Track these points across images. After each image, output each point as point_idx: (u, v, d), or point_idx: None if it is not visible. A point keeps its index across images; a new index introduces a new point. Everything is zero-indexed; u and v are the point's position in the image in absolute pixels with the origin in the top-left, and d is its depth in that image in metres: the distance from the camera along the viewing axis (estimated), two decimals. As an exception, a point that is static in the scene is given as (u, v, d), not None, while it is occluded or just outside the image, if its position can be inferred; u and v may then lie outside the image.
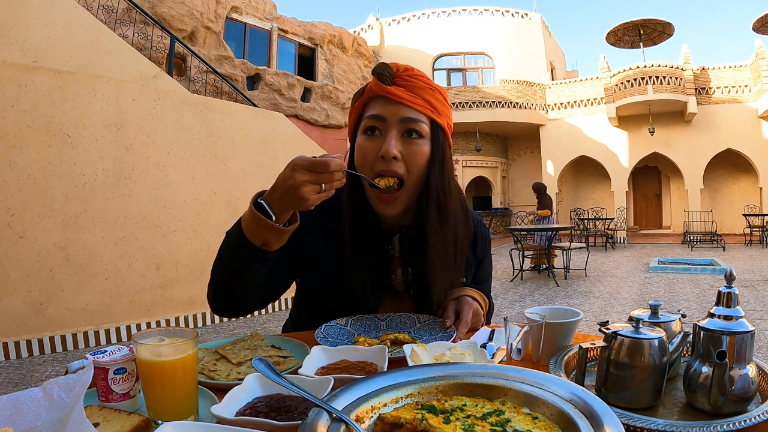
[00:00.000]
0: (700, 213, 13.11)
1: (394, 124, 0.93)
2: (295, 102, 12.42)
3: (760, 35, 13.35)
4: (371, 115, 0.94)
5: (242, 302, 0.96)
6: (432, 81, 0.97)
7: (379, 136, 0.94)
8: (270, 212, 0.83)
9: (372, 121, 0.94)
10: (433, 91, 0.96)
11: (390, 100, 0.93)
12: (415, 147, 0.94)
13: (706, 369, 0.61)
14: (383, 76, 0.92)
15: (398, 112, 0.93)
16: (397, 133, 0.93)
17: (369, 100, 0.96)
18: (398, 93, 0.92)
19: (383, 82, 0.92)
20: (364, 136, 0.95)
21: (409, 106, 0.93)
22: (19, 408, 0.53)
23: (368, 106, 0.97)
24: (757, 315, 4.80)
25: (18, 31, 4.52)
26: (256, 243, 0.85)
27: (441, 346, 0.79)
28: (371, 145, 0.94)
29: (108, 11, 7.87)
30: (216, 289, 0.94)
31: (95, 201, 4.17)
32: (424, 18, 16.05)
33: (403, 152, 0.93)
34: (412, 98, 0.92)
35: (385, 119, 0.93)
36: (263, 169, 5.59)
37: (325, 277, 1.04)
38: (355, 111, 0.99)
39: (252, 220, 0.84)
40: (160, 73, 5.73)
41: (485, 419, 0.50)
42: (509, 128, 15.97)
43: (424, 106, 0.94)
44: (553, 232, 7.45)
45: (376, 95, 0.94)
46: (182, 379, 0.60)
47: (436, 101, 0.96)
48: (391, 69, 0.93)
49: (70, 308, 4.03)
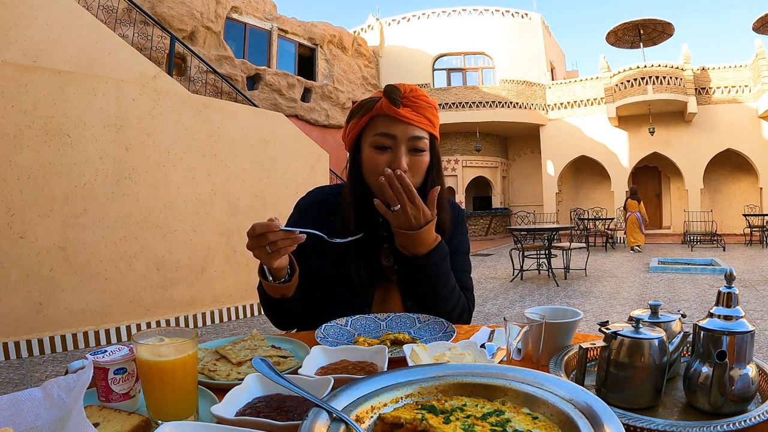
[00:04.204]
0: (700, 213, 13.12)
1: (403, 142, 1.07)
2: (295, 102, 12.42)
3: (760, 35, 13.36)
4: (383, 133, 1.06)
5: (291, 320, 1.18)
6: (429, 98, 1.11)
7: (388, 152, 1.07)
8: (268, 273, 1.02)
9: (383, 138, 1.07)
10: (431, 108, 1.10)
11: (399, 120, 1.06)
12: (419, 160, 1.09)
13: (706, 369, 0.61)
14: (395, 99, 1.04)
15: (407, 131, 1.07)
16: (405, 149, 1.07)
17: (376, 116, 1.08)
18: (406, 114, 1.05)
19: (394, 105, 1.05)
20: (375, 150, 1.08)
21: (416, 125, 1.07)
22: (19, 408, 0.53)
23: (375, 122, 1.08)
24: (757, 315, 4.80)
25: (18, 31, 4.52)
26: (276, 296, 1.06)
27: (441, 346, 0.79)
28: (382, 159, 1.07)
29: (108, 11, 7.87)
30: (268, 315, 1.17)
31: (95, 201, 4.17)
32: (424, 18, 16.05)
33: (410, 165, 1.08)
34: (417, 118, 1.06)
35: (395, 137, 1.06)
36: (263, 169, 5.59)
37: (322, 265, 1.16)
38: (360, 124, 1.10)
39: (262, 282, 1.07)
40: (160, 73, 5.73)
41: (485, 419, 0.50)
42: (509, 128, 15.97)
43: (426, 123, 1.08)
44: (553, 232, 7.46)
45: (385, 114, 1.06)
46: (182, 379, 0.60)
47: (433, 117, 1.10)
48: (400, 91, 1.05)
49: (70, 308, 4.03)
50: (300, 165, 6.04)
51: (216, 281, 5.09)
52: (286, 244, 0.92)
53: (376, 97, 1.08)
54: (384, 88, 1.07)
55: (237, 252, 5.27)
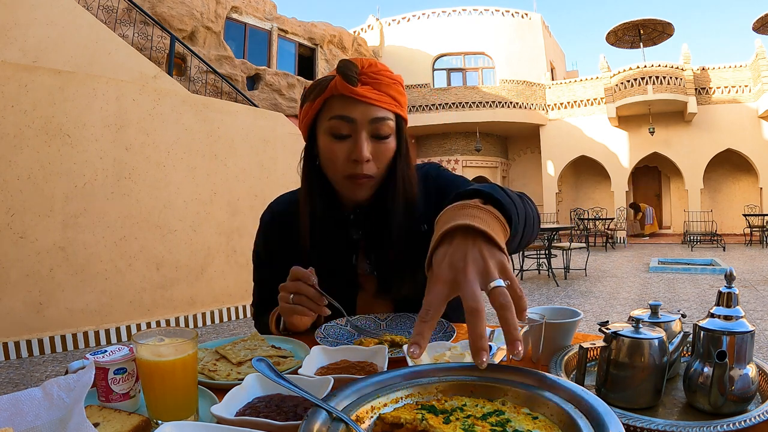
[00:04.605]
0: (700, 213, 13.11)
1: (363, 125, 0.90)
2: (295, 102, 12.42)
3: (760, 35, 13.36)
4: (339, 116, 0.90)
5: None
6: (393, 73, 0.94)
7: (347, 138, 0.91)
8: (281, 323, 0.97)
9: (339, 122, 0.90)
10: (396, 84, 0.93)
11: (356, 101, 0.89)
12: (383, 146, 0.93)
13: (706, 369, 0.61)
14: (350, 76, 0.88)
15: (367, 113, 0.90)
16: (366, 134, 0.91)
17: (331, 97, 0.91)
18: (365, 93, 0.89)
19: (350, 83, 0.88)
20: (331, 138, 0.92)
21: (377, 105, 0.90)
22: (19, 408, 0.53)
23: (330, 103, 0.92)
24: (757, 315, 4.80)
25: (18, 31, 4.52)
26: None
27: (441, 346, 0.79)
28: (340, 147, 0.92)
29: (108, 11, 7.87)
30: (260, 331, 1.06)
31: (95, 201, 4.17)
32: (424, 18, 16.05)
33: (373, 152, 0.92)
34: (378, 97, 0.90)
35: (354, 120, 0.90)
36: (263, 169, 5.59)
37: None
38: (314, 107, 0.93)
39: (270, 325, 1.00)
40: (160, 73, 5.73)
41: (485, 419, 0.50)
42: (509, 128, 15.97)
43: (390, 102, 0.92)
44: (553, 232, 7.46)
45: (340, 94, 0.89)
46: (182, 379, 0.60)
47: (399, 95, 0.94)
48: (356, 67, 0.89)
49: (70, 308, 4.03)
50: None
51: (216, 281, 5.09)
52: (309, 305, 0.85)
53: (330, 76, 0.91)
54: (338, 63, 0.89)
55: (237, 252, 5.27)
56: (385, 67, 0.93)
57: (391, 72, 0.94)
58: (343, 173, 0.94)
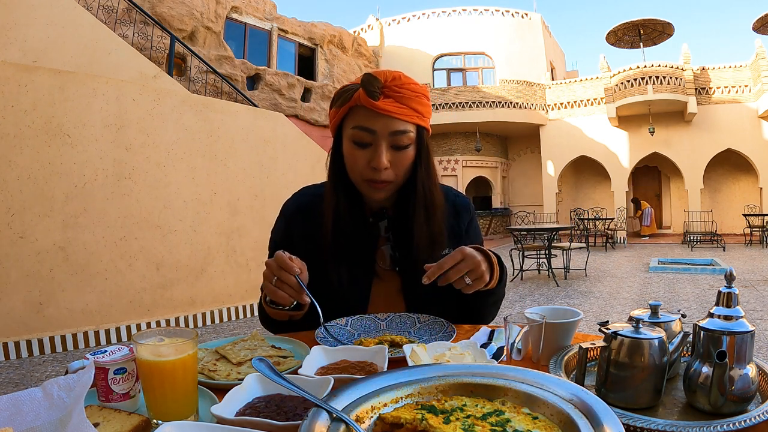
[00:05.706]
0: (700, 213, 13.11)
1: (383, 137, 0.96)
2: (295, 102, 12.42)
3: (760, 35, 13.35)
4: (360, 126, 0.96)
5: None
6: (418, 86, 0.99)
7: (368, 147, 0.97)
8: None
9: (361, 132, 0.96)
10: (419, 96, 0.97)
11: (378, 114, 0.94)
12: (403, 155, 0.99)
13: (706, 369, 0.61)
14: (372, 92, 0.92)
15: (387, 126, 0.95)
16: (386, 144, 0.96)
17: (355, 106, 0.97)
18: (386, 107, 0.93)
19: (372, 98, 0.93)
20: (353, 145, 0.98)
21: (398, 119, 0.95)
22: (19, 408, 0.53)
23: (355, 112, 0.97)
24: (757, 315, 4.80)
25: (18, 31, 4.52)
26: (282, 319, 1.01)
27: (441, 346, 0.79)
28: (361, 154, 0.98)
29: (108, 11, 7.87)
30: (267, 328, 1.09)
31: (95, 201, 4.17)
32: (424, 18, 16.04)
33: (392, 161, 0.98)
34: (399, 110, 0.94)
35: (374, 132, 0.95)
36: (263, 169, 5.59)
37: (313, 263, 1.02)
38: (340, 114, 1.00)
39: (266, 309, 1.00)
40: (160, 73, 5.73)
41: (485, 419, 0.50)
42: (509, 128, 15.96)
43: (412, 115, 0.96)
44: (553, 232, 7.46)
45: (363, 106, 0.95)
46: (182, 379, 0.60)
47: (421, 106, 0.98)
48: (379, 82, 0.93)
49: (70, 308, 4.03)
50: (300, 165, 6.04)
51: (216, 281, 5.09)
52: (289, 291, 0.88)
53: (356, 85, 0.96)
54: (362, 77, 0.94)
55: (237, 252, 5.27)
56: (409, 80, 0.98)
57: (417, 84, 0.98)
58: (362, 177, 1.00)
